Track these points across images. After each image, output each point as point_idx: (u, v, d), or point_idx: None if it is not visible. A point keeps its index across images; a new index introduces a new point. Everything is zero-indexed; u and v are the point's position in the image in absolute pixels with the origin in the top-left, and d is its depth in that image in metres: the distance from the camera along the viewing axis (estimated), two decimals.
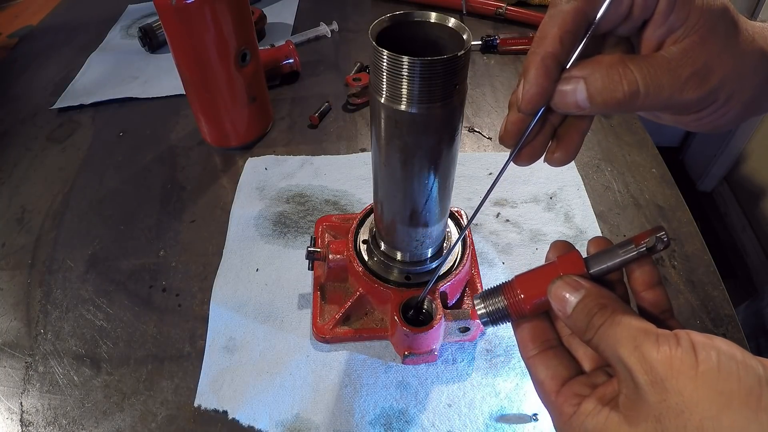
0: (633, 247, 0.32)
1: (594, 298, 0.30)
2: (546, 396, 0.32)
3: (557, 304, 0.31)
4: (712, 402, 0.24)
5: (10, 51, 1.10)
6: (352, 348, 0.55)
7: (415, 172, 0.42)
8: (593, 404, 0.29)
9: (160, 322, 0.58)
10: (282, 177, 0.74)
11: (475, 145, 0.79)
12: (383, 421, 0.49)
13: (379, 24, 0.37)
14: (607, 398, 0.29)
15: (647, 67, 0.30)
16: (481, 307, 0.35)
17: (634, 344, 0.27)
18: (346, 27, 1.08)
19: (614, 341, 0.28)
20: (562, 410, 0.30)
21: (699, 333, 0.27)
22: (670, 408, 0.25)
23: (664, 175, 0.73)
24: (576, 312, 0.30)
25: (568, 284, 0.31)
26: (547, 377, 0.32)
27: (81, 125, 0.87)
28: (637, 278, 0.33)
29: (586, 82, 0.30)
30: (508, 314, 0.34)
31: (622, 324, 0.28)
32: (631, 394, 0.27)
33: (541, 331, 0.34)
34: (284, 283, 0.61)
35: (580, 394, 0.30)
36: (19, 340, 0.58)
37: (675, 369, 0.25)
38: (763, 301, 0.93)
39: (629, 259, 0.32)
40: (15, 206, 0.74)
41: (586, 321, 0.30)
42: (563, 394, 0.31)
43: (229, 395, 0.52)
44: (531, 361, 0.34)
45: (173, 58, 0.70)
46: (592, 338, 0.29)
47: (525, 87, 0.31)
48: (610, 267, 0.32)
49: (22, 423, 0.51)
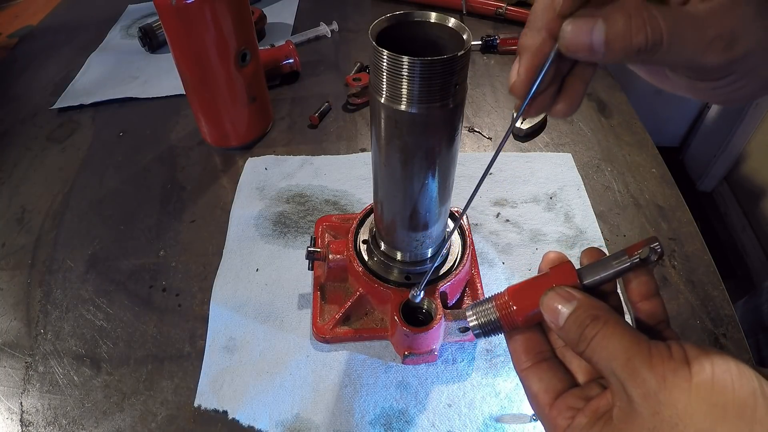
0: (626, 258, 0.32)
1: (586, 310, 0.30)
2: (540, 409, 0.32)
3: (549, 315, 0.31)
4: (706, 415, 0.24)
5: (10, 51, 1.10)
6: (352, 348, 0.55)
7: (415, 172, 0.42)
8: (587, 418, 0.29)
9: (160, 322, 0.58)
10: (282, 177, 0.74)
11: (475, 145, 0.79)
12: (383, 421, 0.49)
13: (379, 24, 0.37)
14: (600, 411, 0.29)
15: (673, 17, 0.27)
16: (473, 319, 0.35)
17: (627, 356, 0.27)
18: (346, 27, 1.08)
19: (607, 354, 0.28)
20: (556, 423, 0.30)
21: (693, 345, 0.27)
22: (664, 421, 0.25)
23: (664, 175, 0.73)
24: (568, 323, 0.30)
25: (560, 295, 0.31)
26: (540, 390, 0.32)
27: (81, 125, 0.87)
28: (634, 289, 0.33)
29: (606, 23, 0.27)
30: (500, 326, 0.34)
31: (614, 336, 0.28)
32: (624, 407, 0.27)
33: (535, 343, 0.34)
34: (284, 283, 0.61)
35: (574, 407, 0.30)
36: (19, 340, 0.58)
37: (668, 382, 0.25)
38: (761, 297, 0.93)
39: (622, 270, 0.32)
40: (15, 206, 0.74)
41: (579, 332, 0.29)
42: (557, 407, 0.31)
43: (229, 395, 0.52)
44: (524, 373, 0.33)
45: (173, 58, 0.70)
46: (585, 350, 0.29)
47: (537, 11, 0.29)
48: (603, 278, 0.32)
49: (22, 423, 0.51)
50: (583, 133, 0.80)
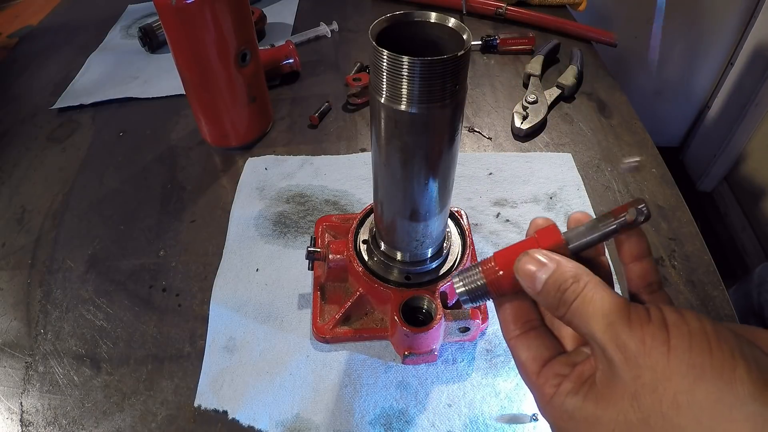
0: (612, 220, 0.31)
1: (563, 273, 0.29)
2: (528, 377, 0.32)
3: (526, 280, 0.30)
4: (684, 376, 0.24)
5: (10, 51, 1.10)
6: (352, 348, 0.55)
7: (415, 172, 0.42)
8: (572, 383, 0.29)
9: (160, 322, 0.58)
10: (282, 177, 0.74)
11: (475, 145, 0.79)
12: (383, 421, 0.49)
13: (379, 24, 0.37)
14: (584, 376, 0.29)
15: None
16: (460, 285, 0.34)
17: (607, 322, 0.27)
18: (346, 27, 1.08)
19: (587, 319, 0.28)
20: (543, 391, 0.30)
21: (672, 308, 0.27)
22: (645, 385, 0.25)
23: (664, 175, 0.73)
24: (546, 288, 0.29)
25: (534, 259, 0.30)
26: (528, 358, 0.32)
27: (81, 125, 0.87)
28: (625, 250, 0.33)
29: None
30: (487, 292, 0.33)
31: (593, 301, 0.28)
32: (606, 370, 0.27)
33: (524, 312, 0.34)
34: (284, 283, 0.61)
35: (561, 374, 0.30)
36: (19, 340, 0.58)
37: (647, 345, 0.25)
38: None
39: (609, 232, 0.31)
40: (15, 206, 0.74)
41: (558, 297, 0.29)
42: (544, 375, 0.31)
43: (229, 395, 0.52)
44: (513, 342, 0.33)
45: (173, 58, 0.70)
46: (565, 314, 0.29)
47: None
48: (589, 241, 0.32)
49: (22, 423, 0.51)
50: (583, 133, 0.79)
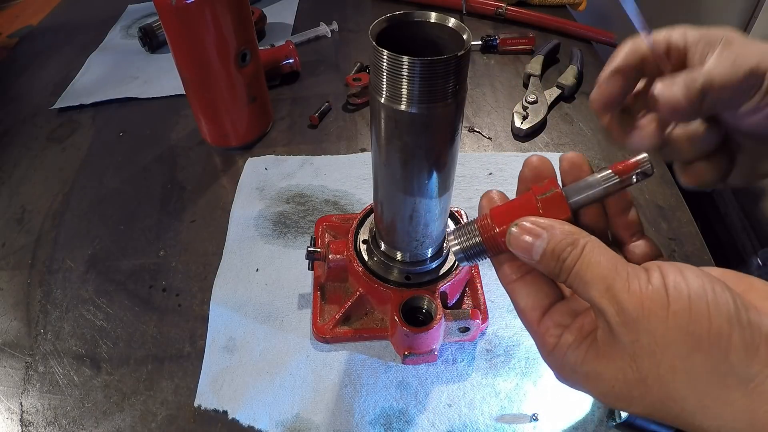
0: (616, 180, 0.31)
1: (560, 242, 0.29)
2: (529, 325, 0.32)
3: (522, 253, 0.30)
4: (682, 344, 0.24)
5: (10, 51, 1.10)
6: (352, 348, 0.55)
7: (415, 172, 0.42)
8: (573, 336, 0.29)
9: (160, 322, 0.58)
10: (282, 177, 0.74)
11: (475, 145, 0.79)
12: (383, 421, 0.49)
13: (379, 24, 0.37)
14: (585, 330, 0.29)
15: None
16: (455, 243, 0.33)
17: (605, 285, 0.27)
18: (346, 27, 1.08)
19: (585, 284, 0.28)
20: (545, 341, 0.30)
21: (671, 265, 0.26)
22: (643, 348, 0.25)
23: (664, 175, 0.73)
24: (545, 259, 0.29)
25: (527, 230, 0.30)
26: (527, 306, 0.31)
27: (81, 125, 0.87)
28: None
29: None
30: (484, 249, 0.33)
31: (592, 264, 0.28)
32: (606, 331, 0.27)
33: None
34: (284, 283, 0.61)
35: (562, 324, 0.30)
36: (19, 340, 0.58)
37: (646, 309, 0.25)
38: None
39: (613, 190, 0.31)
40: (15, 206, 0.74)
41: (558, 266, 0.29)
42: (544, 323, 0.31)
43: (229, 395, 0.52)
44: (511, 287, 0.32)
45: (173, 58, 0.70)
46: (566, 280, 0.29)
47: None
48: (591, 197, 0.31)
49: (22, 423, 0.51)
50: (583, 133, 0.79)
